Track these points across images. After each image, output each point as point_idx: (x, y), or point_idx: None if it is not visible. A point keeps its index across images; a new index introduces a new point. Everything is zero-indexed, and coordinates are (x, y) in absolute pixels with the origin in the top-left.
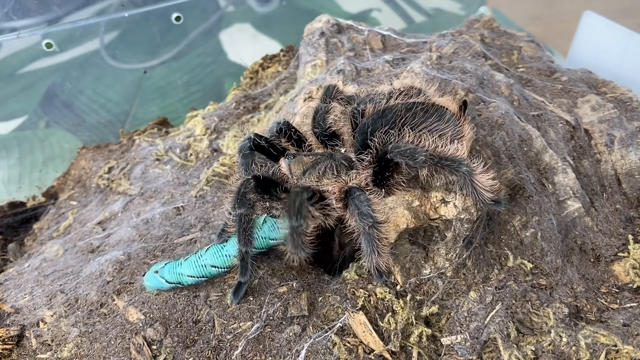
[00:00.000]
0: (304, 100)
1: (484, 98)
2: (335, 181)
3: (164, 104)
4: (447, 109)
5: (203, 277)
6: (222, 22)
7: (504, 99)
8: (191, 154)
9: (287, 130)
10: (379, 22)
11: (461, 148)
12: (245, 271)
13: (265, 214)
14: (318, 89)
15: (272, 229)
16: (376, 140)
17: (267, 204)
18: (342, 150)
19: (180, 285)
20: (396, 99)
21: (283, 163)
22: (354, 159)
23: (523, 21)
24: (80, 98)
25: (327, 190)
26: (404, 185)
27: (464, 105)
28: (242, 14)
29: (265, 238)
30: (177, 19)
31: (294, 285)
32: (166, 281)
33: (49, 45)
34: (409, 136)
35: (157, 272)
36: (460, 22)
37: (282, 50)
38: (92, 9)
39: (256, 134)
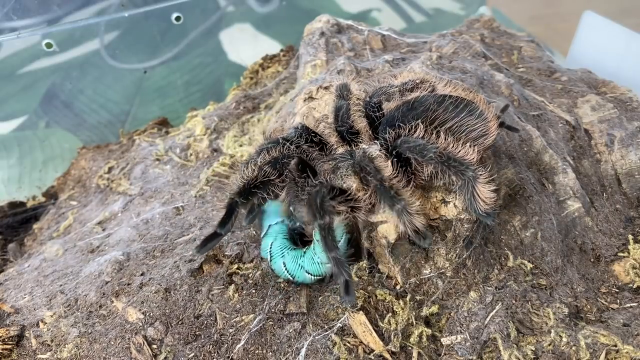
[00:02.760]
0: (304, 100)
1: None
2: (362, 184)
3: (164, 104)
4: (476, 104)
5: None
6: (222, 22)
7: (504, 99)
8: (191, 154)
9: (306, 134)
10: (379, 22)
11: (472, 152)
12: (345, 269)
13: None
14: (318, 89)
15: (311, 262)
16: (392, 134)
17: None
18: (364, 146)
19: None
20: (410, 91)
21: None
22: (374, 154)
23: (523, 21)
24: (80, 98)
25: (351, 187)
26: (423, 180)
27: (504, 108)
28: (242, 14)
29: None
30: (177, 19)
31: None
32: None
33: (49, 45)
34: (421, 131)
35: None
36: (460, 22)
37: (282, 50)
38: (92, 9)
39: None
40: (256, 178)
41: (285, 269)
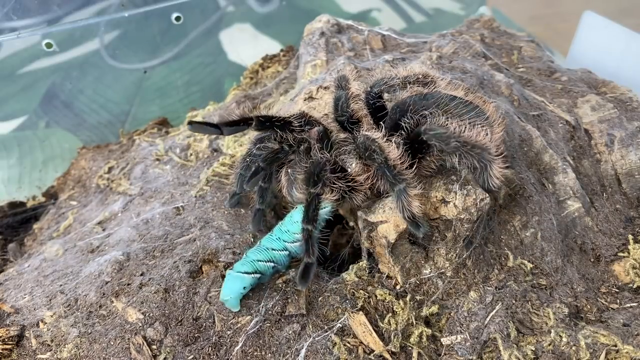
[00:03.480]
0: (304, 100)
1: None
2: (363, 165)
3: (164, 104)
4: (484, 109)
5: (271, 261)
6: (222, 22)
7: (504, 99)
8: (191, 154)
9: (306, 119)
10: (379, 22)
11: (485, 135)
12: (311, 251)
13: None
14: (318, 89)
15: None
16: (412, 121)
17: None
18: (365, 132)
19: (260, 275)
20: (412, 84)
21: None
22: (377, 136)
23: (523, 21)
24: (80, 98)
25: (354, 173)
26: (433, 169)
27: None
28: (242, 14)
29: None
30: (177, 19)
31: (292, 274)
32: (244, 272)
33: (49, 45)
34: (441, 119)
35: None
36: (460, 22)
37: (282, 50)
38: (92, 9)
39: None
40: (280, 117)
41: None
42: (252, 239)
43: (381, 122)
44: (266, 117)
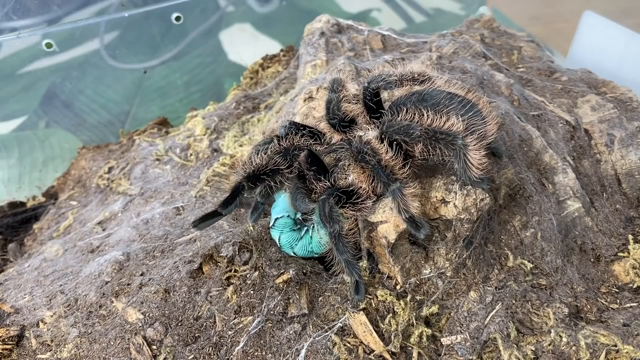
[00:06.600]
0: (304, 101)
1: None
2: (361, 169)
3: (164, 104)
4: (480, 106)
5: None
6: (222, 22)
7: (504, 99)
8: (191, 154)
9: (295, 129)
10: (379, 22)
11: (457, 122)
12: (355, 270)
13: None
14: (318, 89)
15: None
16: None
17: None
18: (361, 134)
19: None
20: (409, 81)
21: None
22: (370, 138)
23: (523, 21)
24: (80, 98)
25: (354, 183)
26: (419, 160)
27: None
28: (242, 14)
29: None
30: (177, 19)
31: (292, 273)
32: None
33: (49, 45)
34: (408, 113)
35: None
36: (460, 22)
37: (282, 50)
38: (92, 9)
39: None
40: (266, 166)
41: (295, 253)
42: (251, 229)
43: (377, 121)
44: (253, 175)
